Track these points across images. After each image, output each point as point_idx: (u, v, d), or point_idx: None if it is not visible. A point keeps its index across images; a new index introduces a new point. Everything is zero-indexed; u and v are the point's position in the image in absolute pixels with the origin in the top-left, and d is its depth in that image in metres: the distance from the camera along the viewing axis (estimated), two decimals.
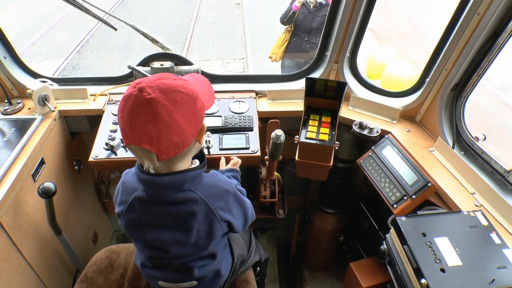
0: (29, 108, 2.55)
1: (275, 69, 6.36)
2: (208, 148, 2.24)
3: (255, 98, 2.67)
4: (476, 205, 1.87)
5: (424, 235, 1.63)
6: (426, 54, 2.34)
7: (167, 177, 1.42)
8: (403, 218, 1.71)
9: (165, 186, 1.43)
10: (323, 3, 5.12)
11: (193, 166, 1.55)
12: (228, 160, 2.14)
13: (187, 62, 2.65)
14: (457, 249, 1.58)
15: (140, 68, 2.57)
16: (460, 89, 2.12)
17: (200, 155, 1.64)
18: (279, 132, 1.99)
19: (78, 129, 2.76)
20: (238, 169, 2.07)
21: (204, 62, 9.68)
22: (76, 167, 2.81)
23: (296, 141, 2.23)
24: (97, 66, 9.49)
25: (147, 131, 1.27)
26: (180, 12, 13.37)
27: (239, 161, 2.13)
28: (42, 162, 2.32)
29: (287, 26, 5.50)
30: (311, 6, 5.14)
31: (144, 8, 13.72)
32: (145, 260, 1.73)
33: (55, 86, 2.65)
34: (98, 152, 2.27)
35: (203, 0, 14.71)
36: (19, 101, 2.57)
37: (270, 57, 5.77)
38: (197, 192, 1.46)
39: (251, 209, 1.75)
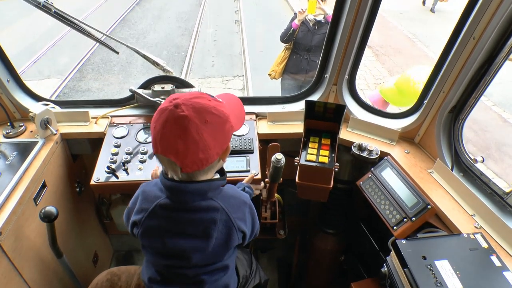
0: (31, 131, 2.57)
1: (275, 87, 6.40)
2: None
3: (255, 120, 2.70)
4: (476, 227, 1.88)
5: (424, 258, 1.64)
6: None
7: (193, 184, 1.50)
8: (403, 241, 1.72)
9: (191, 193, 1.51)
10: (323, 21, 5.17)
11: (215, 177, 1.63)
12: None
13: (188, 85, 2.68)
14: (457, 272, 1.58)
15: (141, 91, 2.60)
16: (458, 111, 2.14)
17: (220, 170, 1.69)
18: (279, 155, 2.01)
19: (80, 152, 2.77)
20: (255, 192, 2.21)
21: (204, 79, 9.74)
22: (77, 189, 2.82)
23: (296, 163, 2.25)
24: (97, 85, 9.54)
25: (176, 145, 1.37)
26: (179, 29, 13.48)
27: (261, 185, 2.31)
28: (43, 186, 2.34)
29: (286, 44, 5.55)
30: (311, 25, 5.19)
31: (144, 26, 13.84)
32: (155, 274, 1.72)
33: (57, 109, 2.67)
34: (99, 175, 2.29)
35: (203, 17, 14.87)
36: (22, 124, 2.59)
37: (269, 75, 5.82)
38: (218, 201, 1.54)
39: (258, 224, 1.80)
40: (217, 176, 1.66)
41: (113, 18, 14.28)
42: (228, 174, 2.24)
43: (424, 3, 16.30)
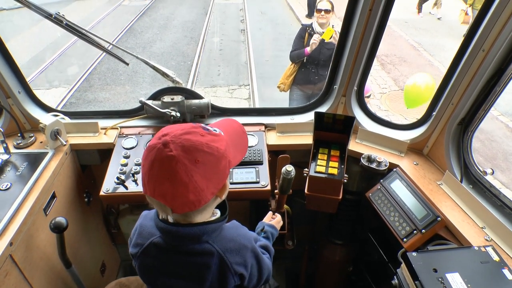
0: (41, 142, 2.59)
1: (281, 97, 6.42)
2: None
3: (264, 131, 2.71)
4: (487, 240, 1.87)
5: (435, 270, 1.63)
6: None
7: (186, 228, 1.41)
8: (414, 254, 1.71)
9: (183, 237, 1.42)
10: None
11: (213, 217, 1.52)
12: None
13: (197, 96, 2.70)
14: (469, 285, 1.57)
15: (151, 102, 2.61)
16: (467, 124, 2.15)
17: (222, 205, 1.59)
18: (289, 167, 2.02)
19: (89, 162, 2.79)
20: (278, 228, 2.11)
21: (210, 89, 9.78)
22: (86, 199, 2.83)
23: (305, 174, 2.26)
24: (103, 95, 9.59)
25: (163, 188, 1.28)
26: (186, 38, 13.56)
27: (281, 222, 2.17)
28: (53, 196, 2.35)
29: None
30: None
31: (151, 35, 13.94)
32: None
33: (67, 119, 2.69)
34: (109, 186, 2.31)
35: (209, 27, 14.96)
36: (32, 134, 2.62)
37: (278, 87, 5.85)
38: (214, 245, 1.44)
39: (267, 268, 1.69)
40: (217, 213, 1.56)
41: (120, 28, 14.40)
42: (237, 186, 2.28)
43: (420, 10, 16.45)
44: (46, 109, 2.76)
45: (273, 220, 2.14)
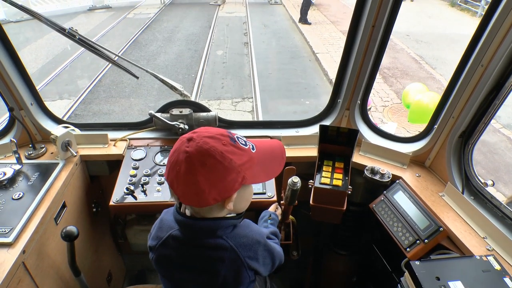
0: (51, 153, 2.65)
1: (283, 109, 6.49)
2: None
3: None
4: (488, 249, 1.91)
5: (438, 279, 1.67)
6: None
7: (201, 222, 1.49)
8: (417, 263, 1.75)
9: (198, 230, 1.49)
10: None
11: (228, 215, 1.57)
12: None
13: (205, 109, 2.76)
14: None
15: (160, 115, 2.68)
16: (468, 136, 2.20)
17: None
18: (296, 179, 2.06)
19: (98, 173, 2.85)
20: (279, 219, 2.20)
21: (214, 101, 9.85)
22: (94, 209, 2.88)
23: (310, 186, 2.31)
24: (108, 107, 9.68)
25: (173, 176, 1.39)
26: (190, 51, 13.70)
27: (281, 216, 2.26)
28: (63, 206, 2.40)
29: None
30: None
31: (155, 48, 14.09)
32: None
33: (77, 131, 2.75)
34: (118, 196, 2.36)
35: (212, 39, 15.09)
36: (43, 145, 2.68)
37: None
38: (228, 240, 1.49)
39: (279, 255, 1.75)
40: (233, 213, 1.60)
41: (125, 40, 14.55)
42: None
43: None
44: (57, 120, 2.82)
45: (277, 210, 2.25)
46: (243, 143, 1.47)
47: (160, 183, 2.43)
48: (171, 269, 1.60)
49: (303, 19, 17.22)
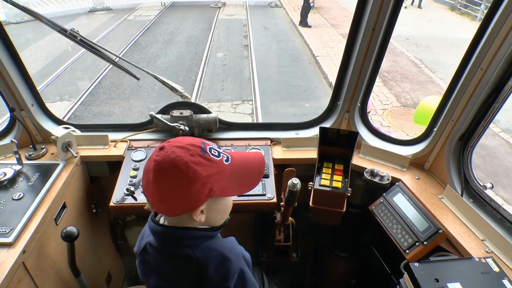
0: (52, 153, 2.66)
1: (283, 112, 6.50)
2: None
3: (270, 145, 2.78)
4: (487, 252, 1.92)
5: (437, 280, 1.67)
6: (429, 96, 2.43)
7: (170, 230, 1.49)
8: (416, 264, 1.76)
9: (168, 239, 1.50)
10: None
11: (201, 226, 1.53)
12: None
13: (205, 111, 2.77)
14: None
15: (160, 116, 2.68)
16: (467, 139, 2.21)
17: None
18: (295, 180, 2.07)
19: (98, 174, 2.85)
20: None
21: (214, 103, 9.87)
22: (94, 210, 2.88)
23: (310, 188, 2.32)
24: (108, 108, 9.68)
25: (144, 183, 1.42)
26: (190, 53, 13.73)
27: None
28: (64, 206, 2.41)
29: None
30: None
31: (155, 50, 14.12)
32: None
33: (78, 132, 2.76)
34: (118, 197, 2.36)
35: (213, 42, 15.12)
36: (43, 146, 2.68)
37: None
38: (195, 251, 1.46)
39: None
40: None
41: (125, 42, 14.58)
42: (244, 198, 2.32)
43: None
44: (58, 121, 2.83)
45: None
46: (216, 154, 1.44)
47: None
48: (149, 275, 1.60)
49: (303, 22, 17.26)
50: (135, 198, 2.35)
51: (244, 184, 1.57)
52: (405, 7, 19.45)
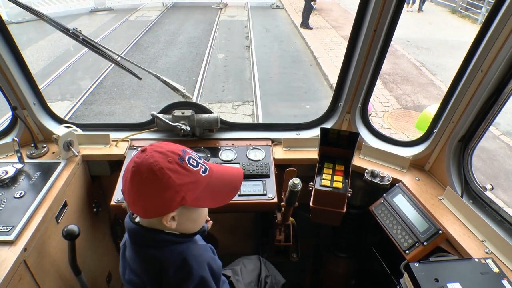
0: (53, 152, 2.67)
1: (283, 112, 6.49)
2: None
3: (271, 145, 2.79)
4: (487, 253, 1.93)
5: (437, 280, 1.68)
6: (430, 98, 2.44)
7: (141, 229, 1.52)
8: (416, 264, 1.76)
9: (135, 235, 1.54)
10: None
11: (170, 231, 1.54)
12: None
13: (206, 111, 2.78)
14: None
15: (162, 116, 2.69)
16: (467, 141, 2.22)
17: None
18: (296, 180, 2.08)
19: (99, 173, 2.86)
20: None
21: (215, 104, 9.87)
22: (95, 210, 2.89)
23: (310, 188, 2.33)
24: (110, 108, 9.69)
25: (123, 183, 1.47)
26: (191, 54, 13.71)
27: None
28: (65, 205, 2.42)
29: None
30: None
31: (156, 50, 14.11)
32: None
33: (79, 131, 2.77)
34: (119, 196, 2.37)
35: (214, 43, 15.13)
36: (44, 145, 2.69)
37: None
38: (158, 253, 1.51)
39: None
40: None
41: (126, 42, 14.58)
42: (245, 197, 2.33)
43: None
44: (59, 121, 2.84)
45: None
46: (194, 164, 1.46)
47: None
48: (125, 269, 1.65)
49: (305, 24, 17.26)
50: None
51: (218, 198, 1.57)
52: (411, 11, 19.52)
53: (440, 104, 2.36)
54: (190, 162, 1.45)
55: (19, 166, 2.45)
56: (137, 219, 1.57)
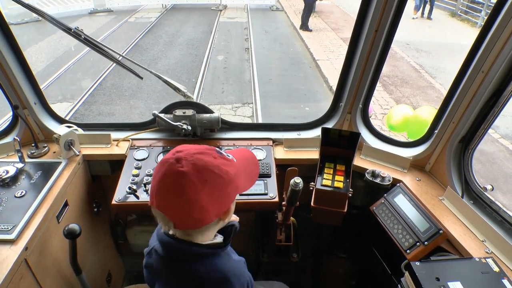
0: (54, 152, 2.67)
1: (283, 113, 6.49)
2: None
3: (272, 145, 2.79)
4: (487, 252, 1.94)
5: (438, 279, 1.69)
6: (429, 101, 2.45)
7: (180, 244, 1.43)
8: (417, 263, 1.78)
9: (171, 249, 1.45)
10: None
11: (214, 241, 1.51)
12: None
13: (208, 111, 2.78)
14: None
15: (163, 115, 2.69)
16: (468, 141, 2.23)
17: (223, 230, 1.58)
18: (298, 179, 2.08)
19: (100, 173, 2.87)
20: None
21: (215, 106, 9.86)
22: (95, 209, 2.89)
23: (311, 188, 2.33)
24: (110, 109, 9.69)
25: (169, 201, 1.31)
26: (190, 56, 13.71)
27: None
28: (65, 204, 2.42)
29: None
30: None
31: (156, 52, 14.10)
32: None
33: (80, 131, 2.77)
34: (120, 195, 2.38)
35: (213, 44, 15.14)
36: (45, 145, 2.70)
37: None
38: (200, 269, 1.43)
39: None
40: (219, 238, 1.55)
41: (126, 44, 14.59)
42: (246, 197, 2.34)
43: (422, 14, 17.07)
44: (60, 120, 2.85)
45: None
46: (227, 155, 1.45)
47: None
48: (153, 279, 1.60)
49: (304, 26, 17.27)
50: (137, 197, 2.36)
51: (251, 177, 1.58)
52: (416, 18, 19.56)
53: (440, 105, 2.37)
54: (223, 153, 1.44)
55: (20, 165, 2.45)
56: (171, 232, 1.47)
